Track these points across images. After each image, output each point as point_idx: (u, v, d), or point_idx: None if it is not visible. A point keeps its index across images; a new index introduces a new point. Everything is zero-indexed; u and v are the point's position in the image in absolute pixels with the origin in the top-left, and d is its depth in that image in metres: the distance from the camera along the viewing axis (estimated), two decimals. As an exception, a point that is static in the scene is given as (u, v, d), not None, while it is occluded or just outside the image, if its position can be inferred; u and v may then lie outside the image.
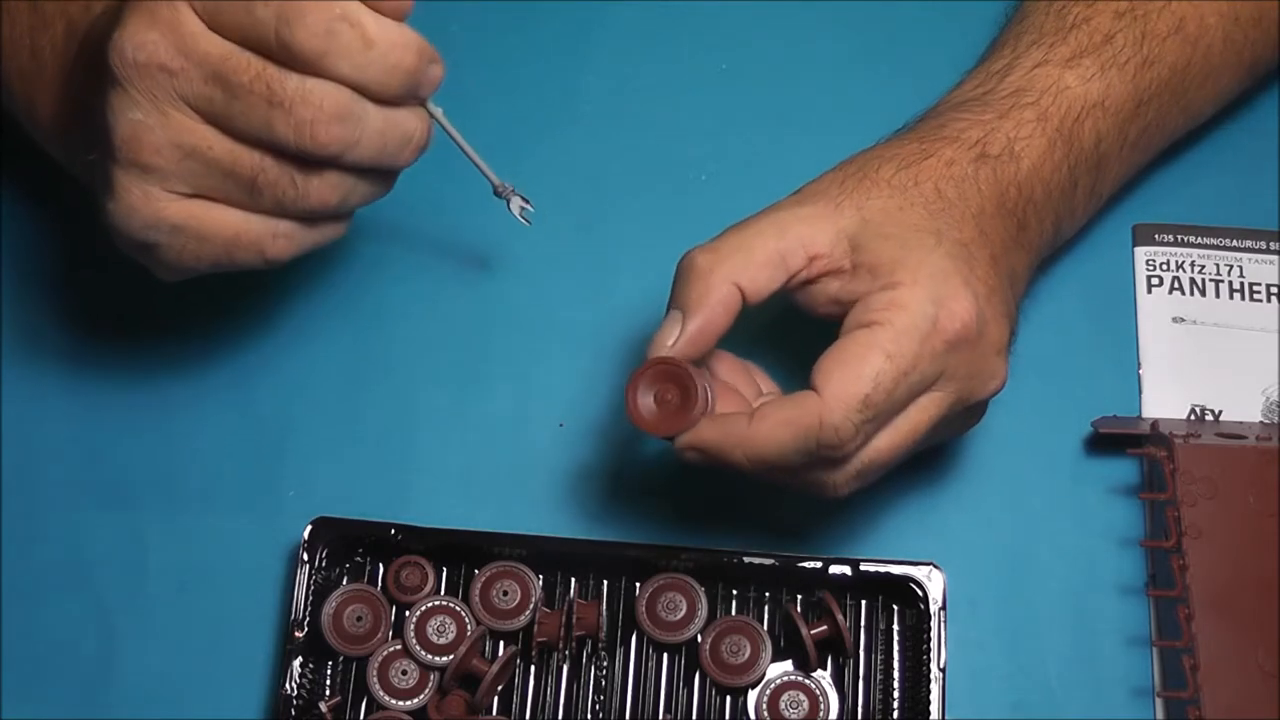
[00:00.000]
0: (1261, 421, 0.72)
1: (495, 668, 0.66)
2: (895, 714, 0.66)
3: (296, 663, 0.66)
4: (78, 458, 0.72)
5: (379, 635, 0.68)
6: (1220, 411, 0.72)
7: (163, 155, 0.58)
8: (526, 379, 0.74)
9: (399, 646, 0.68)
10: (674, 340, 0.62)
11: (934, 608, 0.66)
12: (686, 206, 0.77)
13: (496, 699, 0.67)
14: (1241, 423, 0.71)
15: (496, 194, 0.68)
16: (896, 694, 0.67)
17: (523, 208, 0.68)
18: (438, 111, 0.62)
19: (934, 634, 0.65)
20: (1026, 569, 0.70)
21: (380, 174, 0.62)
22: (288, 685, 0.65)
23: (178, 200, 0.59)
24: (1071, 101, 0.67)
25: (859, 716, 0.67)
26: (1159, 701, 0.68)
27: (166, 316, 0.75)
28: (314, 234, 0.62)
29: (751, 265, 0.62)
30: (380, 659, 0.67)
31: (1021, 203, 0.66)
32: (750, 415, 0.61)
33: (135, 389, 0.73)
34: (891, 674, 0.67)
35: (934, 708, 0.64)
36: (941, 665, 0.65)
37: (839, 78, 0.79)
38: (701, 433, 0.61)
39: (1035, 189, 0.66)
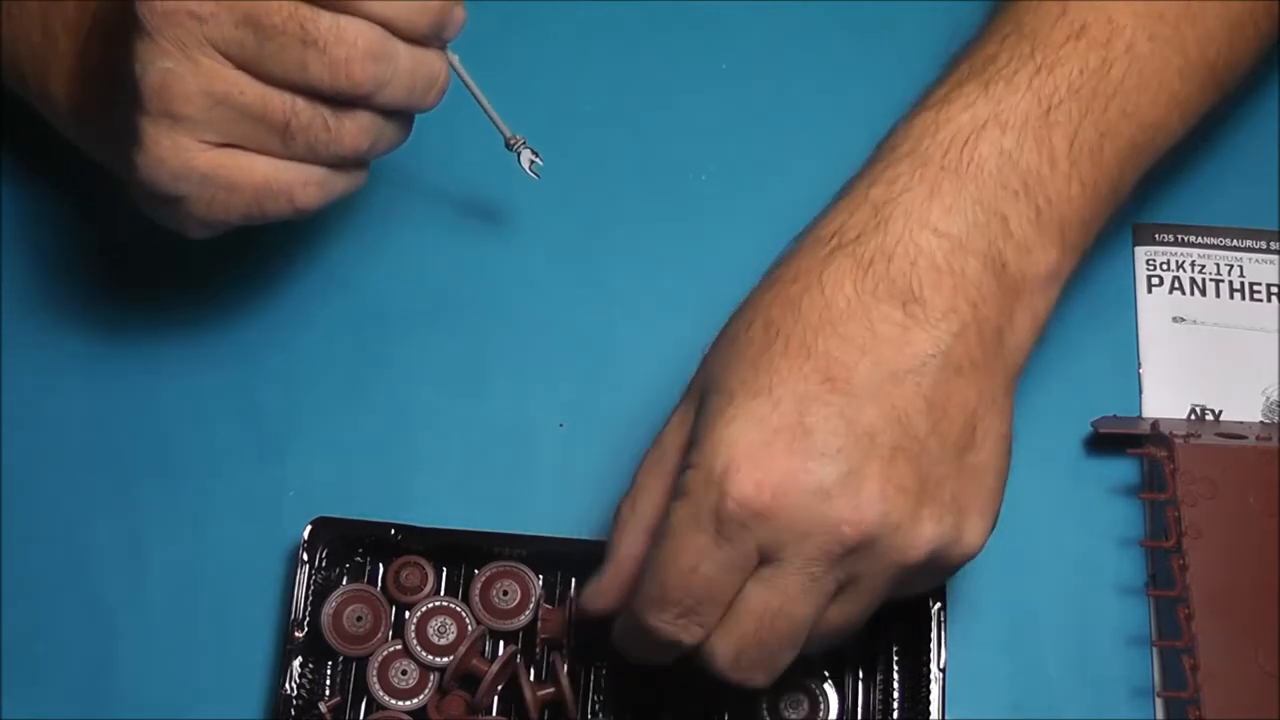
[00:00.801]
0: (1261, 421, 0.72)
1: (495, 667, 0.66)
2: (895, 714, 0.66)
3: (296, 663, 0.66)
4: (77, 457, 0.72)
5: (379, 635, 0.68)
6: (1220, 411, 0.72)
7: (193, 103, 0.57)
8: (526, 379, 0.74)
9: (399, 646, 0.68)
10: (589, 594, 0.62)
11: (934, 608, 0.66)
12: (686, 206, 0.77)
13: (496, 699, 0.67)
14: (1241, 423, 0.71)
15: (508, 146, 0.68)
16: (896, 694, 0.67)
17: (532, 161, 0.68)
18: (454, 58, 0.62)
19: (934, 634, 0.65)
20: (1026, 569, 0.70)
21: (403, 117, 0.62)
22: (288, 685, 0.65)
23: (207, 150, 0.58)
24: (955, 131, 0.59)
25: (859, 716, 0.67)
26: (1159, 701, 0.68)
27: (166, 315, 0.75)
28: (342, 181, 0.62)
29: (653, 500, 0.59)
30: (380, 659, 0.67)
31: (895, 275, 0.57)
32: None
33: (135, 388, 0.73)
34: (891, 674, 0.67)
35: (934, 708, 0.64)
36: (941, 665, 0.65)
37: (839, 78, 0.79)
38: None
39: (921, 244, 0.58)
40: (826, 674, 0.67)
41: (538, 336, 0.74)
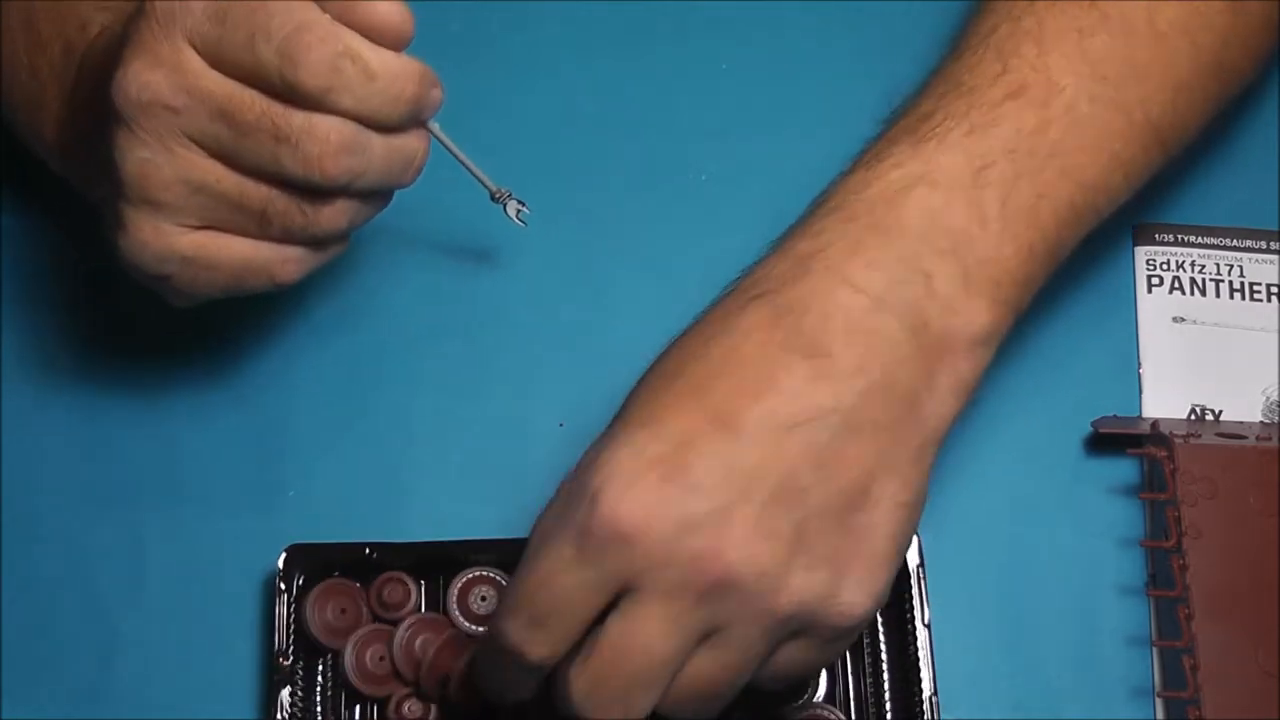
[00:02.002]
0: (1261, 421, 0.72)
1: (463, 664, 0.65)
2: (885, 674, 0.67)
3: (285, 693, 0.66)
4: (77, 458, 0.72)
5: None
6: (1220, 411, 0.72)
7: (171, 191, 0.58)
8: (526, 379, 0.74)
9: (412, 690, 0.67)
10: None
11: (911, 564, 0.66)
12: (686, 207, 0.77)
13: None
14: (1241, 423, 0.71)
15: (493, 199, 0.68)
16: (884, 653, 0.67)
17: (519, 210, 0.68)
18: (434, 126, 0.63)
19: (914, 590, 0.66)
20: (1026, 569, 0.70)
21: (382, 194, 0.63)
22: (279, 716, 0.65)
23: (188, 233, 0.59)
24: (883, 188, 0.59)
25: (849, 681, 0.67)
26: (1159, 701, 0.68)
27: (165, 321, 0.74)
28: (321, 256, 0.63)
29: None
30: (396, 700, 0.67)
31: (807, 328, 0.56)
32: None
33: (135, 391, 0.73)
34: (877, 635, 0.68)
35: (923, 664, 0.65)
36: (926, 621, 0.65)
37: (839, 78, 0.79)
38: None
39: (840, 299, 0.56)
40: None
41: (538, 336, 0.74)
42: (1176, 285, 0.75)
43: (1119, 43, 0.63)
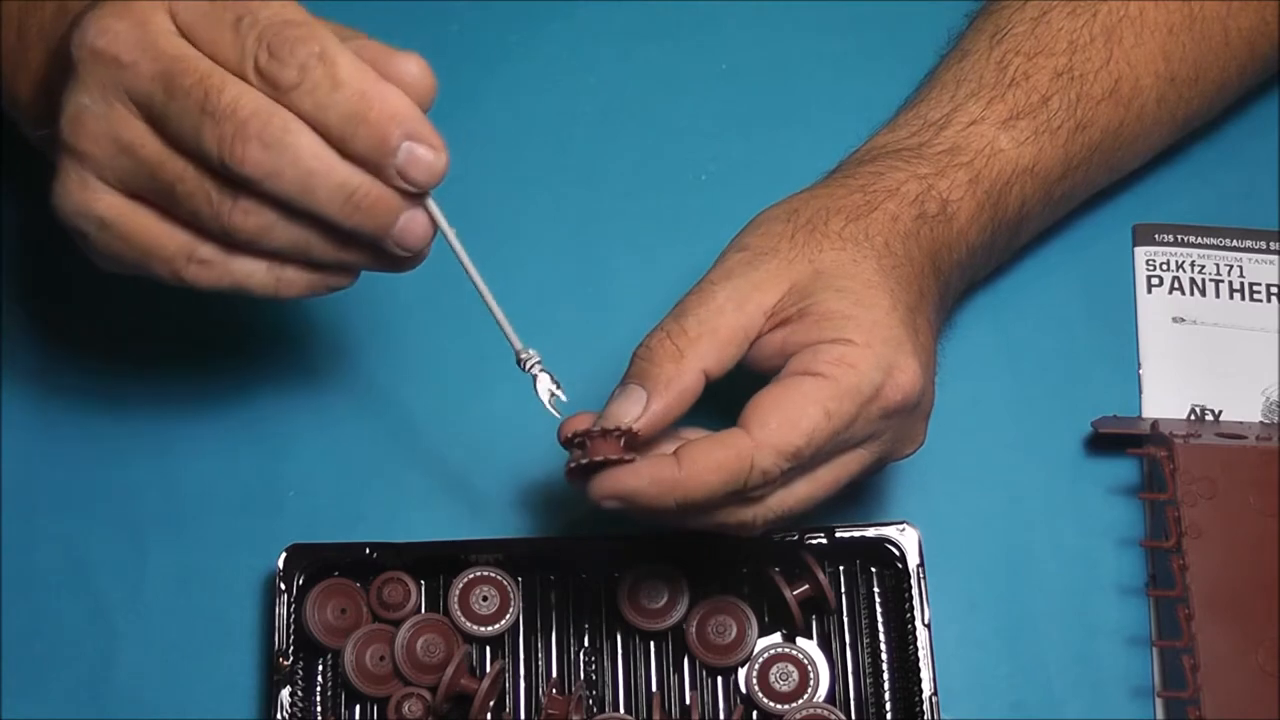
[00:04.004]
0: (1261, 421, 0.72)
1: (485, 684, 0.65)
2: (885, 673, 0.67)
3: (285, 693, 0.66)
4: (79, 461, 0.72)
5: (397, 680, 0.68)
6: (1220, 411, 0.72)
7: (100, 145, 0.57)
8: (526, 379, 0.73)
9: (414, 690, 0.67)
10: (635, 417, 0.60)
11: (912, 564, 0.66)
12: (686, 206, 0.77)
13: (490, 715, 0.67)
14: (1241, 423, 0.71)
15: (518, 362, 0.65)
16: (885, 653, 0.67)
17: (552, 395, 0.64)
18: (438, 215, 0.60)
19: (914, 590, 0.66)
20: (1026, 569, 0.70)
21: (325, 229, 0.58)
22: (279, 716, 0.65)
23: (110, 194, 0.58)
24: (1003, 165, 0.67)
25: (849, 681, 0.67)
26: (1159, 701, 0.68)
27: (167, 323, 0.75)
28: (237, 269, 0.59)
29: (717, 347, 0.61)
30: (396, 700, 0.67)
31: (948, 265, 0.66)
32: (677, 460, 0.59)
33: (136, 392, 0.74)
34: (877, 635, 0.68)
35: (923, 664, 0.65)
36: (926, 620, 0.65)
37: (839, 77, 0.79)
38: (627, 481, 0.59)
39: (961, 251, 0.66)
40: (813, 642, 0.68)
41: (538, 336, 0.74)
42: (1176, 285, 0.75)
43: (1194, 47, 0.70)
